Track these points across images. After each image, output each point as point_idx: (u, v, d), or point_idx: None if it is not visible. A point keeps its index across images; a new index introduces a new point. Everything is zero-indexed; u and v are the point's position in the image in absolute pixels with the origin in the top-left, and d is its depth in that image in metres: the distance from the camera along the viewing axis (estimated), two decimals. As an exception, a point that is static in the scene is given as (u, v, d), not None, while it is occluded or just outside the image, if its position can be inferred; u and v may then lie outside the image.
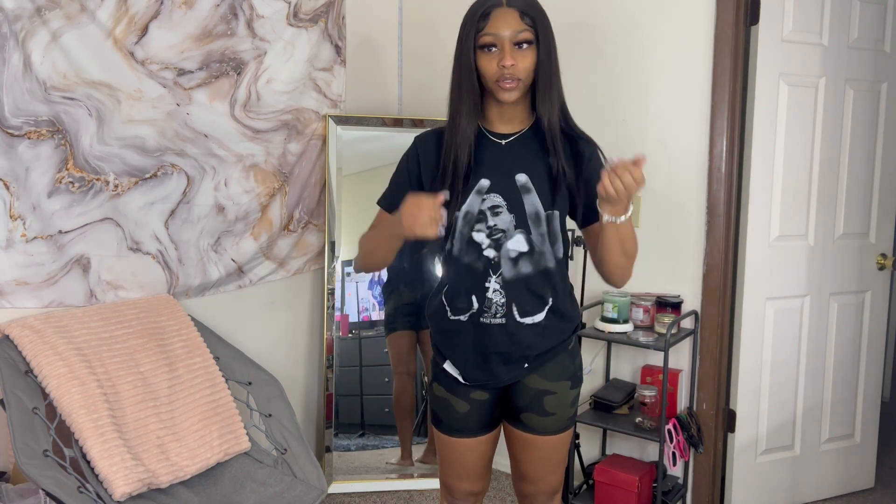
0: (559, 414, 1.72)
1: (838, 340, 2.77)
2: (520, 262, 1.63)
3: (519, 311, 1.64)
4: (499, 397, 1.76)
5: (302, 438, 2.28)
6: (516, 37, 1.51)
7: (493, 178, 1.62)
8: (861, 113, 2.69)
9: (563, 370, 1.71)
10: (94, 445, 1.87)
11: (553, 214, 1.63)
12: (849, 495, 2.88)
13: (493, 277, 1.63)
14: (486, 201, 1.62)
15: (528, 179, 1.62)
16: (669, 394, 2.59)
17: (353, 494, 2.88)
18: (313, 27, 2.80)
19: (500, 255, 1.62)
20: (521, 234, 1.62)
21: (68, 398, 1.90)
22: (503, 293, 1.63)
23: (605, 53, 2.73)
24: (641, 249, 2.71)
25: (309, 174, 2.87)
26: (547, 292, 1.65)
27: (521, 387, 1.71)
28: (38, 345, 1.96)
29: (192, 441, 2.11)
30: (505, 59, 1.50)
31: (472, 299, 1.65)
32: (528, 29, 1.51)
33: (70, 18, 2.06)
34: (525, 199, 1.61)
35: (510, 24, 1.50)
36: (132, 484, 1.87)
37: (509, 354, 1.66)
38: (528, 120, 1.67)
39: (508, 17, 1.50)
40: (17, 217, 2.04)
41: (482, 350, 1.67)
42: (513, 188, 1.62)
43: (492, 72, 1.53)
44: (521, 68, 1.52)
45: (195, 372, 2.24)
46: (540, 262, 1.63)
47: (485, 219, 1.62)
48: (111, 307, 2.22)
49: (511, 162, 1.63)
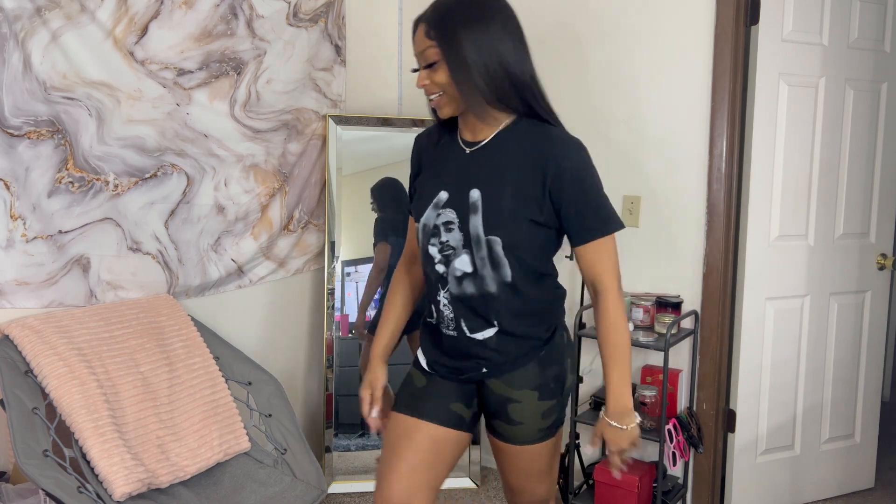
0: (528, 424, 1.62)
1: (838, 340, 2.77)
2: (464, 282, 1.56)
3: (467, 328, 1.60)
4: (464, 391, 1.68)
5: (302, 438, 2.28)
6: (423, 56, 1.49)
7: (451, 191, 1.56)
8: (861, 113, 2.69)
9: (528, 380, 1.61)
10: (94, 445, 1.87)
11: (493, 240, 1.51)
12: (849, 495, 2.88)
13: (442, 291, 1.61)
14: (441, 216, 1.56)
15: (480, 197, 1.51)
16: (669, 394, 2.59)
17: (353, 494, 2.89)
18: (313, 27, 2.80)
19: (448, 271, 1.58)
20: (467, 255, 1.54)
21: (68, 398, 1.90)
22: (451, 308, 1.60)
23: (605, 53, 2.73)
24: (642, 249, 2.72)
25: (309, 174, 2.87)
26: (491, 316, 1.57)
27: (486, 389, 1.65)
28: (37, 345, 1.96)
29: (192, 441, 2.11)
30: (421, 78, 1.50)
31: (432, 308, 1.66)
32: (431, 46, 1.46)
33: (70, 18, 2.06)
34: (471, 218, 1.52)
35: (418, 44, 1.49)
36: (132, 484, 1.87)
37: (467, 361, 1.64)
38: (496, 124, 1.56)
39: (418, 35, 1.49)
40: (17, 217, 2.04)
41: (445, 351, 1.66)
42: (465, 205, 1.53)
43: None
44: (436, 83, 1.49)
45: (195, 372, 2.24)
46: (482, 285, 1.55)
47: (438, 233, 1.57)
48: (111, 307, 2.22)
49: (471, 174, 1.55)
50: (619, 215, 2.83)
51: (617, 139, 2.73)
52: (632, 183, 2.72)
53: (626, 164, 2.72)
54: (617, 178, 2.74)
